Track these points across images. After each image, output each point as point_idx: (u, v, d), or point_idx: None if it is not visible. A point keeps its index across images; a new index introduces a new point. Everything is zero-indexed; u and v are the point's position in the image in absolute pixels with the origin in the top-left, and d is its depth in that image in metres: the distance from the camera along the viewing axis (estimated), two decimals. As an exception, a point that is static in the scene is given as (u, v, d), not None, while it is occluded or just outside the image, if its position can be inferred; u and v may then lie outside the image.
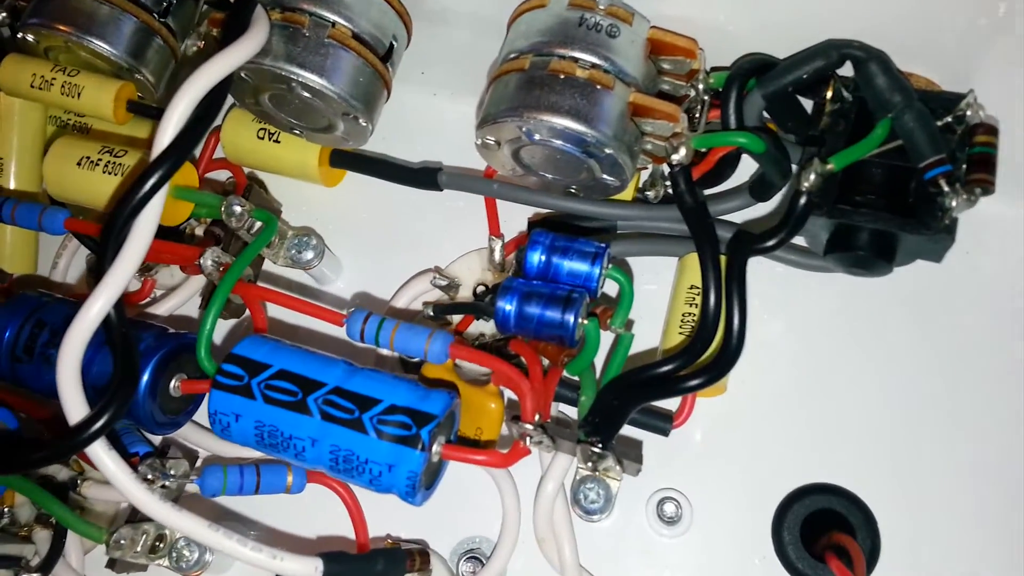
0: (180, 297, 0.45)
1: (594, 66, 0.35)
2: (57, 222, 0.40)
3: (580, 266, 0.36)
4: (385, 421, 0.32)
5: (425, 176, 0.44)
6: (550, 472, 0.38)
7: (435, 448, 0.33)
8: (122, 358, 0.33)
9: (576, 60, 0.36)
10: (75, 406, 0.32)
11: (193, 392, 0.38)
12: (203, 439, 0.41)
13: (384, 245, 0.46)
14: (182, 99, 0.34)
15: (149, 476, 0.35)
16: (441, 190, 0.44)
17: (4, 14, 0.44)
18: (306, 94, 0.39)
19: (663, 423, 0.37)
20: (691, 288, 0.39)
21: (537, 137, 0.36)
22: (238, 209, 0.39)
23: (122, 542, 0.36)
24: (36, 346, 0.37)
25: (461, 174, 0.44)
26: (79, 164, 0.40)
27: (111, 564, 0.37)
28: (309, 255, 0.42)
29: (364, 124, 0.40)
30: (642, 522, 0.40)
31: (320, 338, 0.45)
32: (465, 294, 0.44)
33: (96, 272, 0.33)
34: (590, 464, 0.37)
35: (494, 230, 0.44)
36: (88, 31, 0.40)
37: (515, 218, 0.44)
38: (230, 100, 0.40)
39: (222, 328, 0.46)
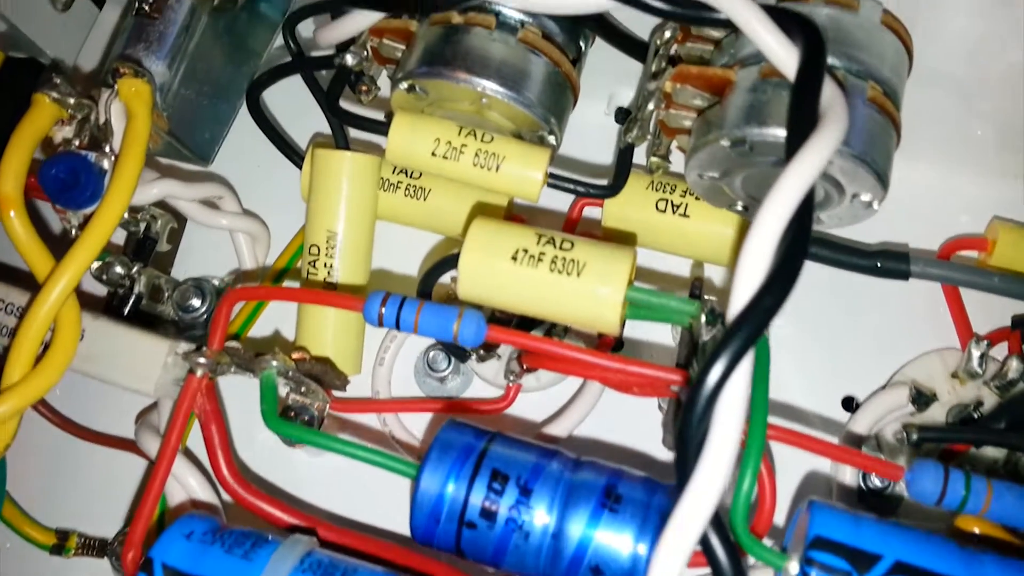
0: (574, 417, 0.36)
1: None
2: (481, 330, 0.30)
3: None
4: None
5: (891, 262, 0.35)
6: None
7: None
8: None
9: None
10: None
11: None
12: None
13: (805, 339, 0.38)
14: (770, 218, 0.23)
15: None
16: (907, 279, 0.36)
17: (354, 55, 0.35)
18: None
19: None
20: None
21: None
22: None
23: None
24: (498, 508, 0.28)
25: (938, 262, 0.35)
26: (514, 259, 0.30)
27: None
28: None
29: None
30: None
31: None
32: (938, 412, 0.35)
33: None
34: None
35: (966, 330, 0.36)
36: (516, 85, 0.32)
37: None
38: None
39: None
